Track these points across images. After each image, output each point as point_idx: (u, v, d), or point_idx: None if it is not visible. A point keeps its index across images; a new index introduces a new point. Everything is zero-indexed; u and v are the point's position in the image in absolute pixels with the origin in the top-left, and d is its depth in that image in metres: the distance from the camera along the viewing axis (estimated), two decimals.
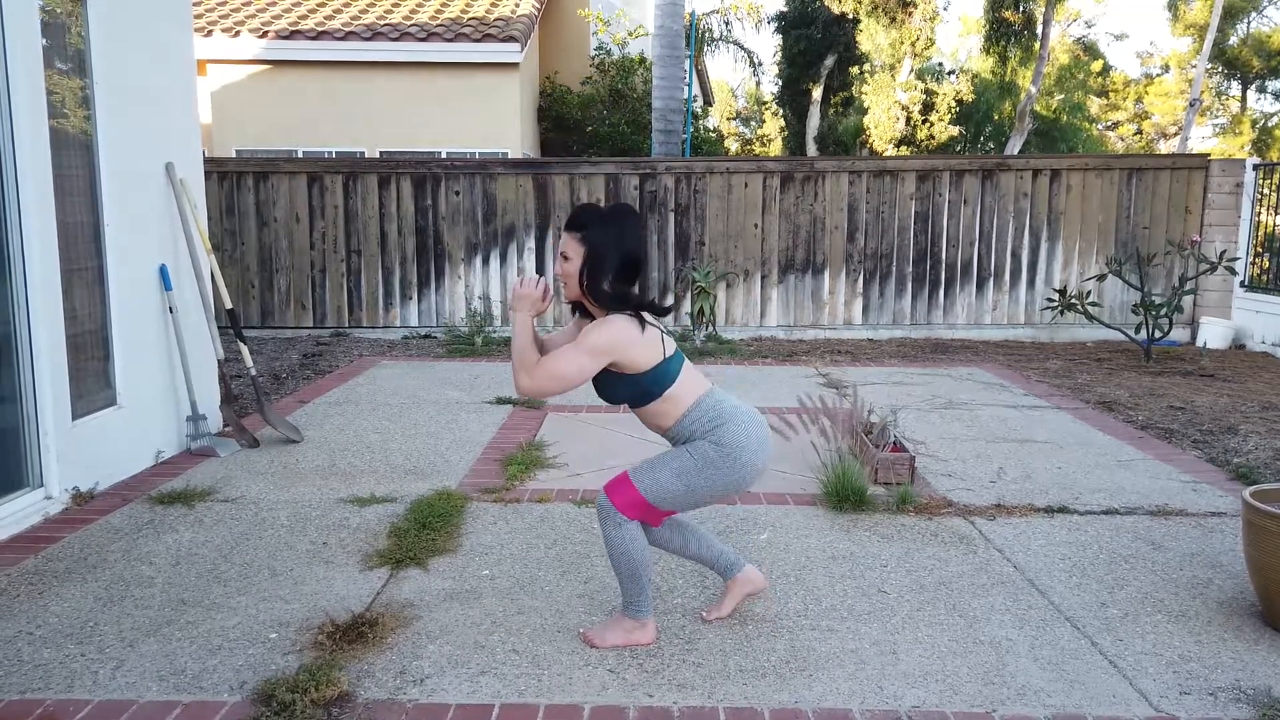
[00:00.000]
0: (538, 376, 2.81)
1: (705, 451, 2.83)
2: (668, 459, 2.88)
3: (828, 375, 7.59)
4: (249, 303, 9.63)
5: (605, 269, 2.80)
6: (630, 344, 2.77)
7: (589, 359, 2.77)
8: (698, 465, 2.84)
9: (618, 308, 2.81)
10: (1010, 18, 22.40)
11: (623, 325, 2.78)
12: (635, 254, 2.86)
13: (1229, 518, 4.21)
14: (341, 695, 2.67)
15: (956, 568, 3.64)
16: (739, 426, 2.84)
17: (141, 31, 4.99)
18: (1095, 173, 9.54)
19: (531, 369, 2.83)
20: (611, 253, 2.80)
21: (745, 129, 38.16)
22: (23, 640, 3.00)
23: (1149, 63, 36.19)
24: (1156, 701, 2.69)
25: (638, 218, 2.89)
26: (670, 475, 2.85)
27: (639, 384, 2.84)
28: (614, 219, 2.85)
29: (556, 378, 2.80)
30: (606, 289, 2.82)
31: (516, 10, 13.04)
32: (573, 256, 2.83)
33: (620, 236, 2.82)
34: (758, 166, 9.70)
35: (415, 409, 6.29)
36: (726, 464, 2.83)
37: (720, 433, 2.83)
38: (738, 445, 2.82)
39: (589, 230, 2.81)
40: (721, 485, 2.86)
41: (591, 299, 2.85)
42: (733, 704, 2.66)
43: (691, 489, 2.85)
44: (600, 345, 2.77)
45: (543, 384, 2.81)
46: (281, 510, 4.26)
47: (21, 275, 4.02)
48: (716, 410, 2.86)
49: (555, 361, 2.80)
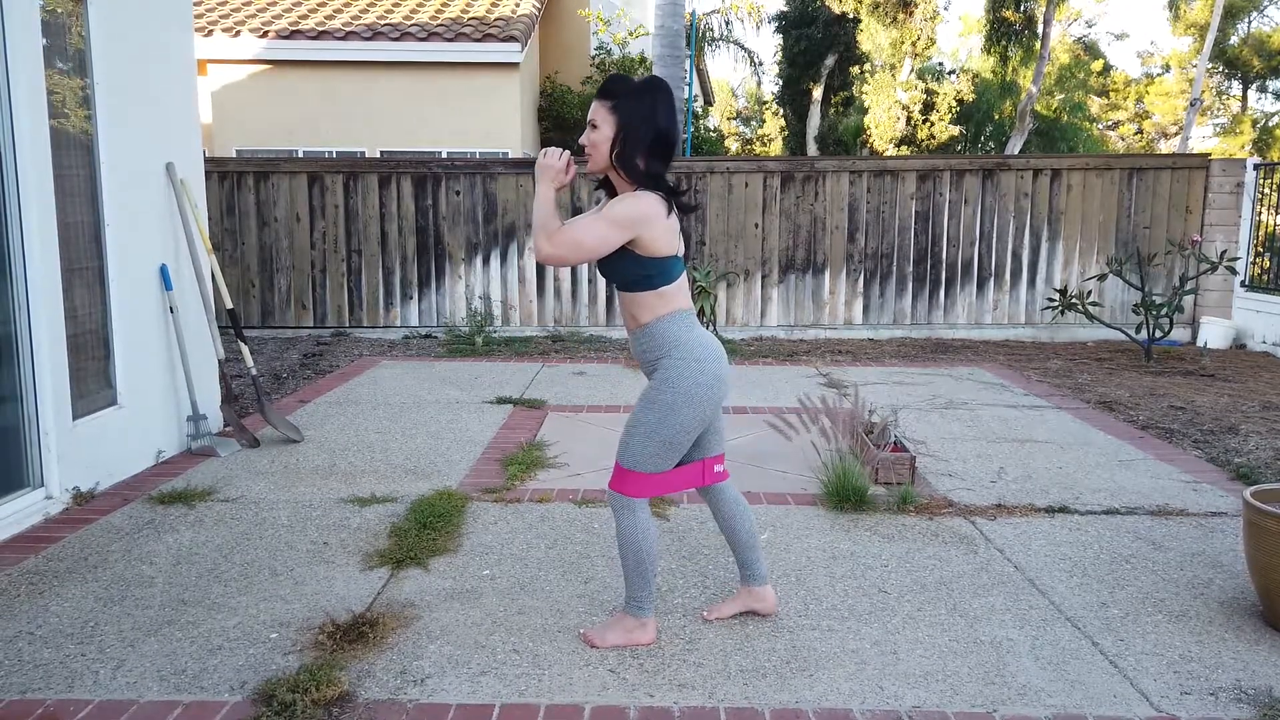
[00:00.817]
0: (558, 241, 2.73)
1: (661, 399, 2.81)
2: (632, 427, 2.87)
3: (828, 375, 7.59)
4: (249, 302, 9.63)
5: (639, 142, 2.73)
6: (656, 221, 2.72)
7: (612, 229, 2.71)
8: (660, 417, 2.82)
9: (650, 185, 2.76)
10: (1011, 17, 22.38)
11: (652, 201, 2.73)
12: (669, 131, 2.77)
13: (1230, 518, 4.21)
14: (342, 695, 2.67)
15: (957, 568, 3.64)
16: (689, 363, 2.80)
17: (142, 31, 4.99)
18: (1096, 172, 9.54)
19: (552, 234, 2.74)
20: (646, 126, 2.73)
21: (746, 129, 38.15)
22: (23, 640, 3.00)
23: (1149, 62, 36.20)
24: (1157, 702, 2.69)
25: (671, 94, 2.83)
26: (641, 439, 2.84)
27: (645, 268, 2.79)
28: (649, 90, 2.76)
29: (577, 244, 2.73)
30: (640, 164, 2.76)
31: (517, 10, 13.04)
32: (601, 125, 2.75)
33: (654, 109, 2.75)
34: (758, 166, 9.70)
35: (416, 409, 6.29)
36: (684, 404, 2.81)
37: (669, 365, 2.80)
38: (691, 383, 2.80)
39: (621, 100, 2.74)
40: (691, 421, 2.84)
41: (623, 172, 2.77)
42: (733, 704, 2.66)
43: (667, 439, 2.83)
44: (626, 216, 2.70)
45: (564, 251, 2.74)
46: (282, 510, 4.26)
47: (22, 275, 4.02)
48: (690, 326, 2.84)
49: (577, 228, 2.74)
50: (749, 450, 5.28)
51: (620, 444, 2.92)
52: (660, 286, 2.82)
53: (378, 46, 11.90)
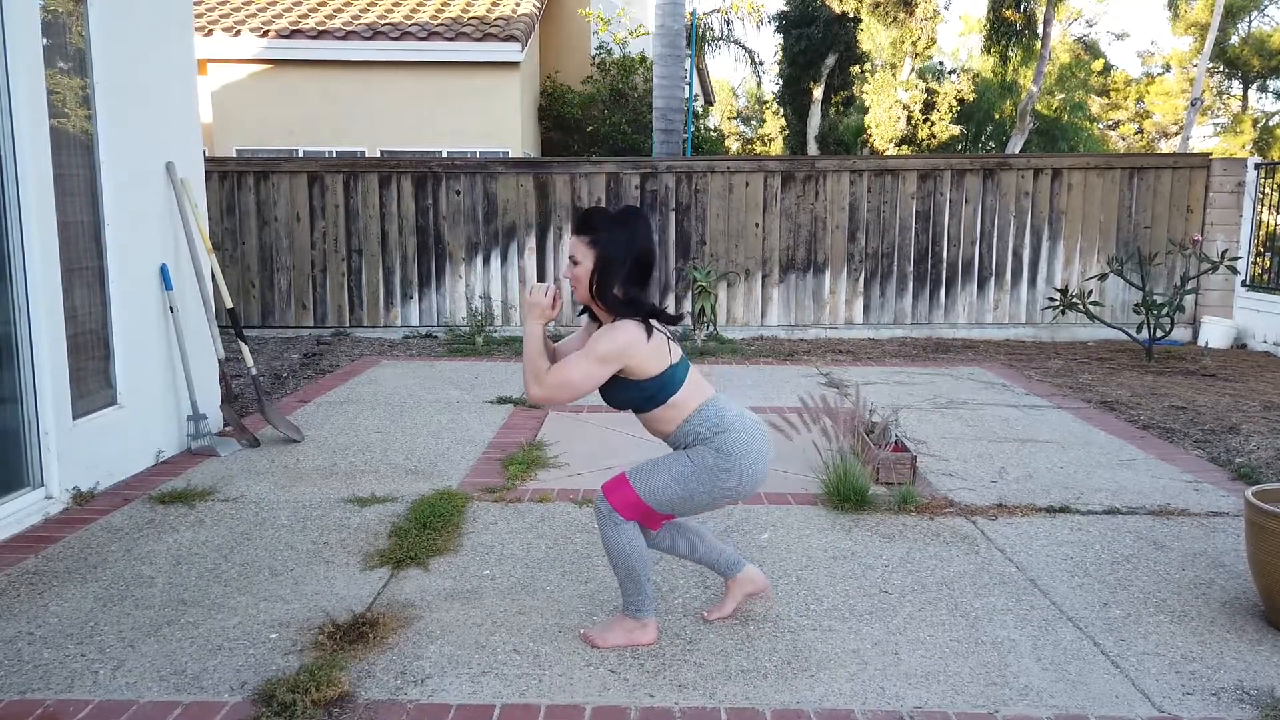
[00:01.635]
0: (548, 384, 2.81)
1: (704, 458, 2.82)
2: (666, 463, 2.87)
3: (829, 375, 7.59)
4: (249, 302, 9.63)
5: (616, 274, 2.78)
6: (638, 351, 2.77)
7: (598, 366, 2.77)
8: (696, 471, 2.83)
9: (628, 314, 2.80)
10: (1011, 17, 22.37)
11: (631, 332, 2.77)
12: (647, 258, 2.83)
13: (1231, 517, 4.20)
14: (342, 695, 2.66)
15: (958, 567, 3.64)
16: (739, 435, 2.83)
17: (142, 31, 4.99)
18: (1096, 172, 9.53)
19: (542, 377, 2.82)
20: (622, 258, 2.78)
21: (746, 128, 38.14)
22: (23, 640, 3.00)
23: (1150, 62, 36.17)
24: (1159, 702, 2.69)
25: (648, 221, 2.88)
26: (667, 479, 2.84)
27: (644, 390, 2.83)
28: (625, 222, 2.82)
29: (567, 385, 2.79)
30: (618, 294, 2.80)
31: (517, 10, 13.04)
32: (582, 260, 2.81)
33: (631, 240, 2.80)
34: (759, 166, 9.69)
35: (416, 408, 6.29)
36: (724, 472, 2.82)
37: (720, 439, 2.82)
38: (737, 454, 2.81)
39: (599, 234, 2.79)
40: (719, 493, 2.85)
41: (601, 304, 2.83)
42: (734, 704, 2.66)
43: (689, 494, 2.84)
44: (609, 352, 2.76)
45: (554, 392, 2.81)
46: (282, 510, 4.26)
47: (22, 275, 4.02)
48: (719, 417, 2.85)
49: (565, 370, 2.80)
50: None
51: (643, 467, 2.90)
52: (667, 399, 2.84)
53: (378, 46, 11.90)
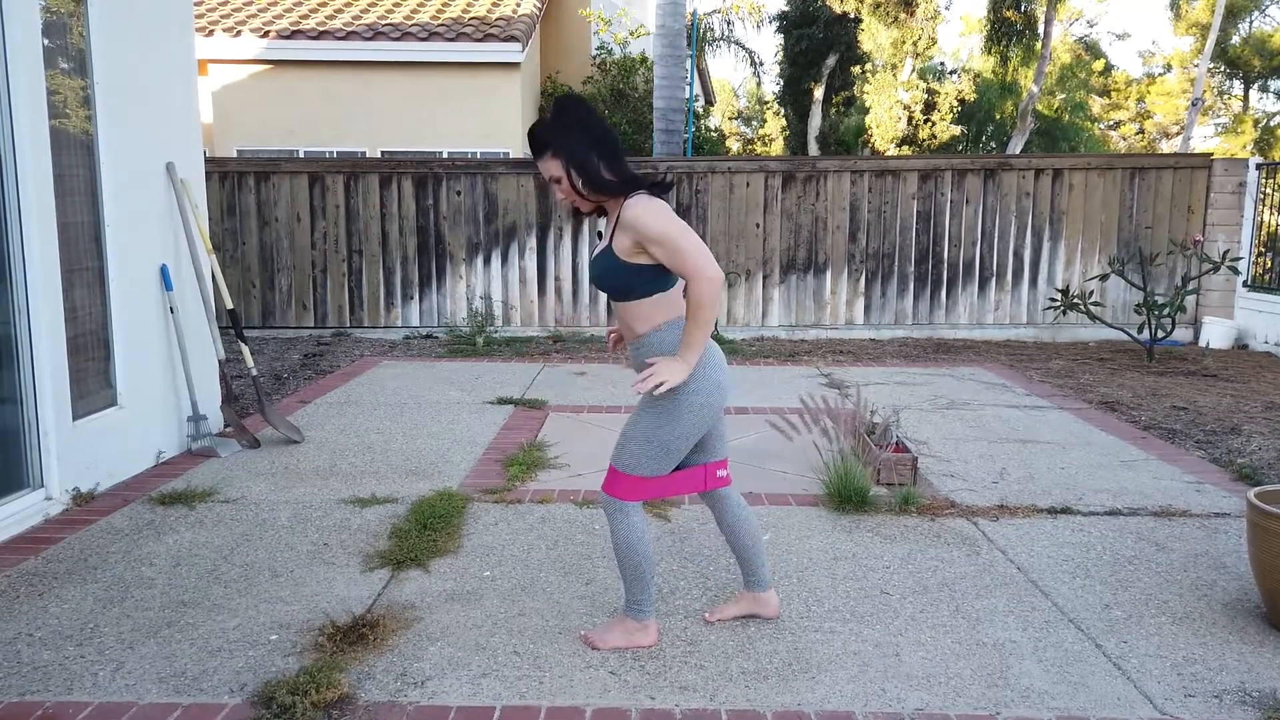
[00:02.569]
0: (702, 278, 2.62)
1: (660, 405, 2.80)
2: (630, 431, 2.87)
3: (830, 375, 7.58)
4: (250, 303, 9.62)
5: (593, 165, 2.73)
6: (666, 207, 2.73)
7: (676, 229, 2.66)
8: (659, 423, 2.81)
9: (631, 188, 2.76)
10: (1012, 17, 22.36)
11: (649, 199, 2.72)
12: (607, 134, 2.78)
13: (1233, 519, 4.19)
14: (342, 697, 2.66)
15: (959, 569, 3.63)
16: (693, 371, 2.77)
17: (143, 31, 4.98)
18: (1098, 172, 9.52)
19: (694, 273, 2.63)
20: (587, 146, 2.73)
21: (747, 128, 38.13)
22: (23, 642, 2.99)
23: (1151, 62, 36.15)
24: (1161, 704, 2.68)
25: (585, 101, 2.83)
26: (638, 443, 2.84)
27: (643, 274, 2.76)
28: (566, 119, 2.76)
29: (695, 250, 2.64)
30: (610, 177, 2.75)
31: (518, 10, 13.03)
32: (559, 174, 2.76)
33: (584, 128, 2.75)
34: (759, 166, 9.68)
35: (416, 409, 6.28)
36: (684, 410, 2.80)
37: None
38: (690, 389, 2.78)
39: (554, 143, 2.75)
40: (690, 428, 2.83)
41: (602, 193, 2.78)
42: (735, 706, 2.65)
43: (664, 445, 2.83)
44: (663, 218, 2.67)
45: (703, 263, 2.63)
46: (282, 511, 4.26)
47: (22, 275, 4.01)
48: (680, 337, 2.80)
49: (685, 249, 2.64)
50: (751, 450, 5.27)
51: (616, 447, 2.91)
52: (656, 293, 2.81)
53: (379, 46, 11.89)
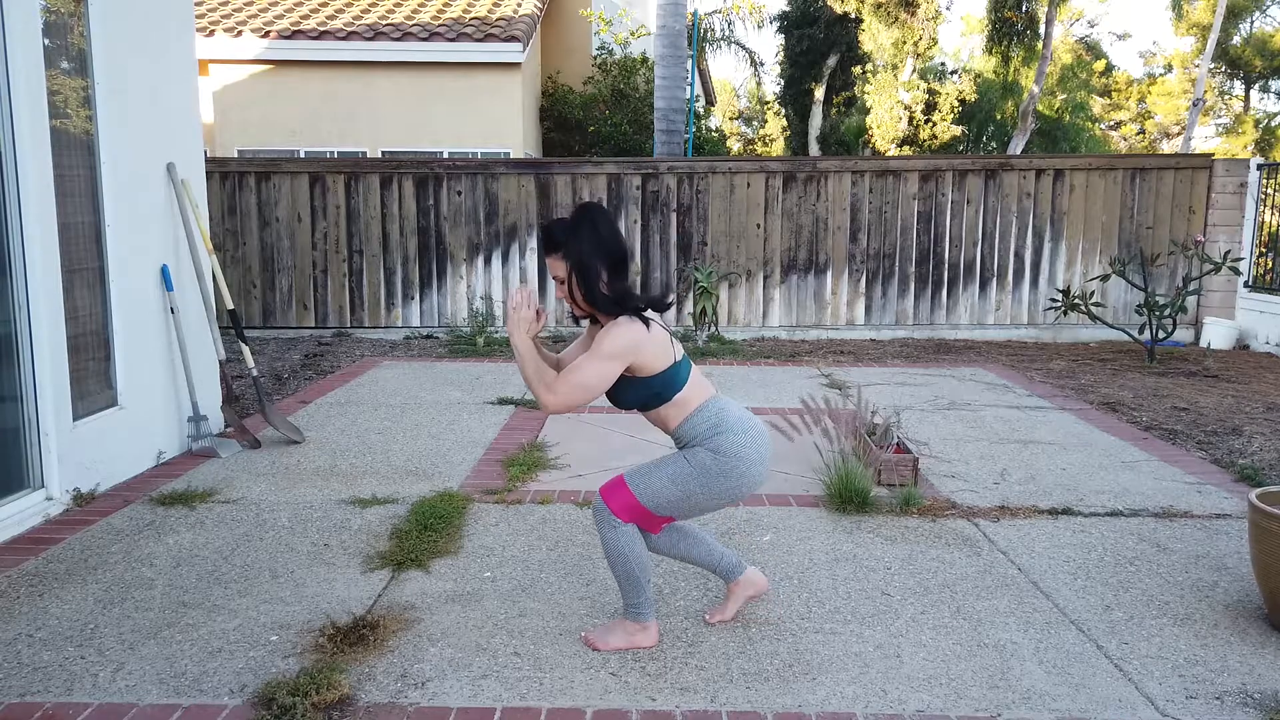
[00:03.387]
0: (561, 390, 2.76)
1: (702, 459, 2.81)
2: (664, 465, 2.86)
3: (830, 376, 7.58)
4: (250, 303, 9.62)
5: (594, 274, 2.77)
6: (644, 345, 2.76)
7: (608, 364, 2.75)
8: (694, 473, 2.82)
9: (619, 309, 2.80)
10: (1013, 17, 22.35)
11: (633, 326, 2.77)
12: (616, 248, 2.82)
13: (1234, 519, 4.19)
14: (342, 698, 2.65)
15: (960, 570, 3.62)
16: (739, 436, 2.83)
17: (143, 31, 4.98)
18: (1099, 172, 9.52)
19: (552, 384, 2.78)
20: (594, 256, 2.77)
21: (747, 129, 38.12)
22: (23, 642, 2.99)
23: (1152, 62, 36.16)
24: (1162, 705, 2.68)
25: (605, 211, 2.86)
26: (665, 481, 2.83)
27: (650, 387, 2.82)
28: (582, 223, 2.80)
29: (582, 387, 2.76)
30: (604, 291, 2.80)
31: (519, 10, 13.03)
32: (562, 275, 2.81)
33: (595, 236, 2.78)
34: (760, 166, 9.68)
35: (417, 410, 6.28)
36: (723, 473, 2.81)
37: (718, 440, 2.82)
38: (735, 455, 2.81)
39: (565, 245, 2.79)
40: (717, 494, 2.84)
41: (594, 307, 2.82)
42: (735, 708, 2.65)
43: (687, 496, 2.83)
44: (616, 348, 2.74)
45: (568, 396, 2.76)
46: (283, 511, 4.25)
47: (22, 275, 4.01)
48: (720, 416, 2.85)
49: (577, 372, 2.76)
50: None
51: (642, 469, 2.89)
52: (672, 397, 2.83)
53: (379, 46, 11.89)
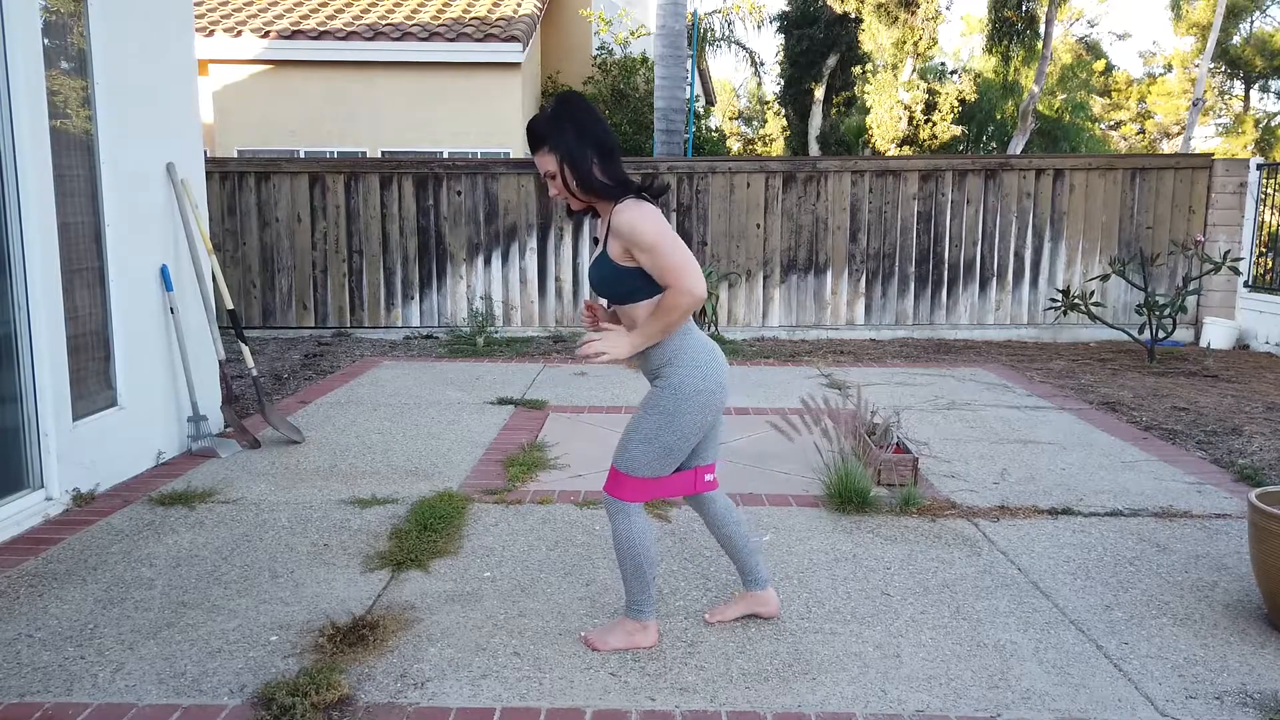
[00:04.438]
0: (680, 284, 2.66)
1: (662, 405, 2.80)
2: (633, 433, 2.85)
3: (830, 375, 7.58)
4: (250, 303, 9.62)
5: (587, 162, 2.73)
6: (657, 213, 2.73)
7: (666, 238, 2.67)
8: (660, 423, 2.81)
9: (621, 192, 2.76)
10: (1013, 17, 22.35)
11: (641, 204, 2.72)
12: (603, 133, 2.77)
13: (1234, 519, 4.19)
14: (342, 699, 2.66)
15: (960, 570, 3.62)
16: (690, 371, 2.79)
17: (143, 31, 4.98)
18: (1099, 172, 9.52)
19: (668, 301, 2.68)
20: (583, 143, 2.73)
21: (747, 129, 38.12)
22: (22, 643, 2.99)
23: (1152, 62, 36.14)
24: (1162, 705, 2.68)
25: (584, 99, 2.84)
26: (640, 445, 2.83)
27: (640, 278, 2.77)
28: (564, 113, 2.75)
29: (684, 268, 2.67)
30: (603, 179, 2.75)
31: (519, 10, 13.03)
32: (553, 169, 2.76)
33: (579, 124, 2.74)
34: (760, 166, 9.68)
35: (417, 410, 6.28)
36: (685, 410, 2.80)
37: (671, 374, 2.80)
38: (692, 389, 2.79)
39: (550, 138, 2.74)
40: (690, 429, 2.83)
41: (594, 195, 2.77)
42: (735, 708, 2.65)
43: (666, 445, 2.82)
44: (654, 226, 2.67)
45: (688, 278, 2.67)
46: (282, 512, 4.25)
47: (22, 275, 4.01)
48: (684, 335, 2.82)
49: (671, 264, 2.67)
50: (751, 451, 5.27)
51: (618, 448, 2.90)
52: (656, 295, 2.80)
53: (379, 46, 11.89)
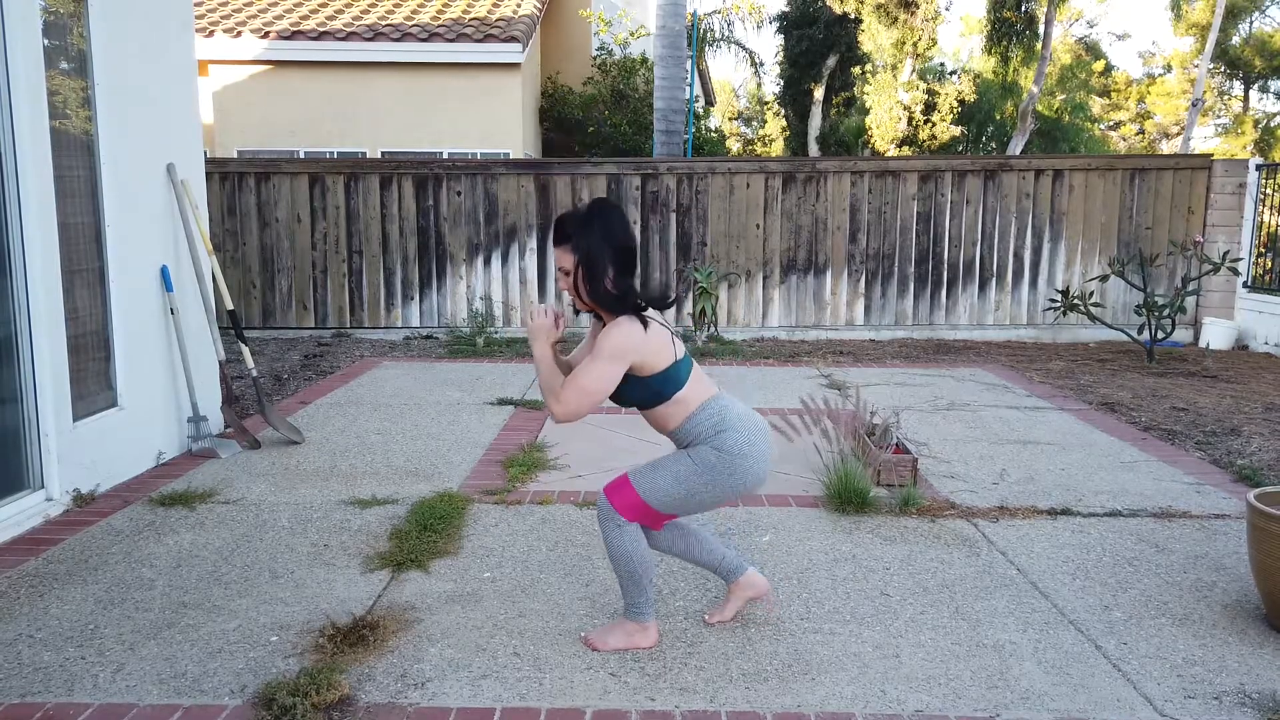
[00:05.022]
0: (567, 399, 2.77)
1: (706, 457, 2.82)
2: (668, 463, 2.87)
3: (830, 376, 7.58)
4: (250, 303, 9.63)
5: (601, 270, 2.78)
6: (642, 342, 2.76)
7: (610, 365, 2.75)
8: (697, 470, 2.82)
9: (621, 308, 2.80)
10: (1012, 18, 22.36)
11: (631, 326, 2.77)
12: (626, 245, 2.82)
13: (1233, 520, 4.19)
14: (342, 699, 2.66)
15: (959, 570, 3.63)
16: (742, 434, 2.83)
17: (143, 32, 4.98)
18: (1098, 173, 9.52)
19: (559, 394, 2.79)
20: (603, 252, 2.77)
21: (747, 129, 38.13)
22: (23, 643, 3.00)
23: (1151, 62, 36.16)
24: (1161, 705, 2.68)
25: (618, 208, 2.88)
26: (669, 479, 2.84)
27: (650, 386, 2.83)
28: (595, 218, 2.80)
29: (586, 393, 2.76)
30: (608, 288, 2.80)
31: (518, 11, 13.03)
32: (569, 267, 2.81)
33: (607, 232, 2.78)
34: (759, 167, 9.68)
35: (417, 410, 6.28)
36: (726, 470, 2.82)
37: (722, 439, 2.82)
38: (739, 453, 2.81)
39: (575, 238, 2.79)
40: (721, 491, 2.85)
41: (597, 303, 2.83)
42: (735, 708, 2.65)
43: (691, 494, 2.84)
44: (616, 349, 2.74)
45: (574, 404, 2.77)
46: (282, 512, 4.26)
47: (22, 276, 4.01)
48: (722, 415, 2.85)
49: (579, 378, 2.77)
50: None
51: (645, 468, 2.90)
52: (672, 395, 2.83)
53: (379, 47, 11.89)
